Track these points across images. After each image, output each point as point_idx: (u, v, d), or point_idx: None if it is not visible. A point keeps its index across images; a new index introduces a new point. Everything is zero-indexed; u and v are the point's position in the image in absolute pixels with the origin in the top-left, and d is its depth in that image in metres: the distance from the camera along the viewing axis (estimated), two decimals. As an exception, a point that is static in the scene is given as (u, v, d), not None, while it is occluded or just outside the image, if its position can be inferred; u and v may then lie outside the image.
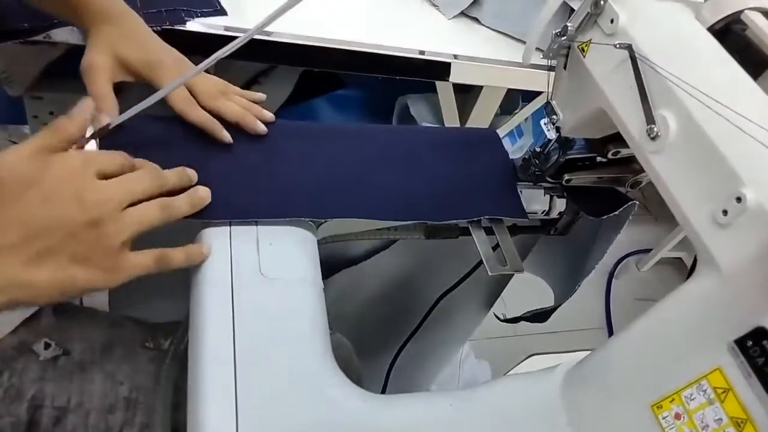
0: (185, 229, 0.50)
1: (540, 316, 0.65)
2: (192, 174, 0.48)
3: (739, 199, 0.34)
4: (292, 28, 0.78)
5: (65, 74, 0.89)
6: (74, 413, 0.51)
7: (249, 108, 0.56)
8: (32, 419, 0.49)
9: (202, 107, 0.54)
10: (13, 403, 0.49)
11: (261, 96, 0.60)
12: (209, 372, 0.42)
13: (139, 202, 0.42)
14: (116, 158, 0.43)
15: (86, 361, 0.53)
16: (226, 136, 0.54)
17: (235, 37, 0.43)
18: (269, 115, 0.57)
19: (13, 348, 0.50)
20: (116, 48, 0.52)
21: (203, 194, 0.47)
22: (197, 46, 0.72)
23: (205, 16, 0.73)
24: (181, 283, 0.48)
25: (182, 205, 0.45)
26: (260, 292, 0.47)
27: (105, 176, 0.41)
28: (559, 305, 0.64)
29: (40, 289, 0.37)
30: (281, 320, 0.46)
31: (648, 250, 1.83)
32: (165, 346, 0.57)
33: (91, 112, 0.45)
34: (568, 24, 0.48)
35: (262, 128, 0.55)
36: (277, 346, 0.44)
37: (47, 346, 0.51)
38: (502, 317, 0.71)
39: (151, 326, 0.59)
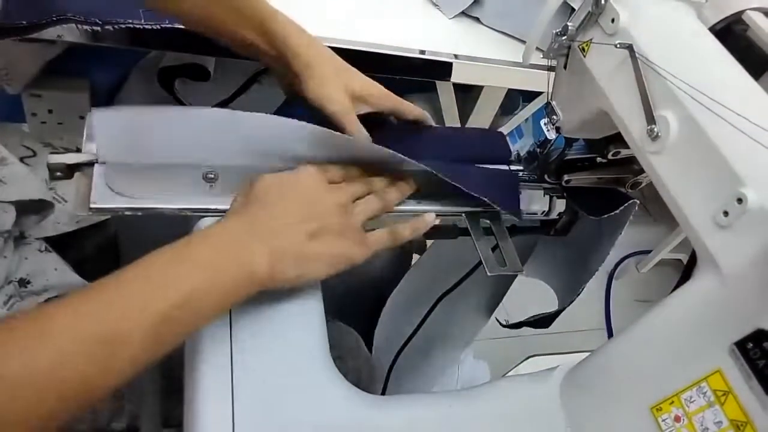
0: (182, 223, 0.51)
1: (543, 321, 0.64)
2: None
3: (740, 200, 0.34)
4: (291, 27, 0.78)
5: (64, 72, 0.89)
6: None
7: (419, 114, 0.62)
8: None
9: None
10: None
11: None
12: (206, 374, 0.42)
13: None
14: (338, 171, 0.53)
15: None
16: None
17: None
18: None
19: None
20: (342, 77, 0.56)
21: (395, 194, 0.54)
22: (196, 45, 0.72)
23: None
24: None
25: (392, 199, 0.54)
26: (258, 294, 0.46)
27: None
28: (563, 309, 0.63)
29: (320, 261, 0.45)
30: (279, 322, 0.46)
31: (648, 252, 1.82)
32: None
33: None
34: (569, 23, 0.48)
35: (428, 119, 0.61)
36: (274, 347, 0.44)
37: None
38: (504, 323, 0.71)
39: None
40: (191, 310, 0.37)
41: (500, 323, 0.72)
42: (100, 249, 0.69)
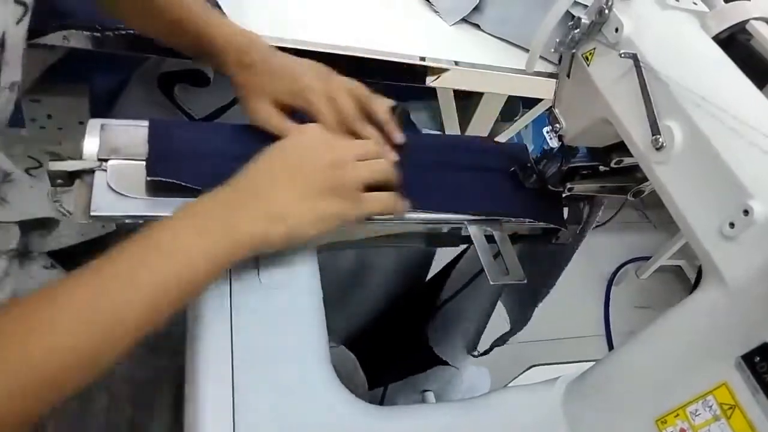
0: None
1: (500, 340, 0.68)
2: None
3: (746, 212, 0.33)
4: (292, 34, 0.78)
5: (63, 78, 0.89)
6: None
7: (387, 121, 0.57)
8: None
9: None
10: None
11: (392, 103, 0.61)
12: (207, 381, 0.41)
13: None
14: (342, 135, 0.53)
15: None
16: (399, 137, 0.56)
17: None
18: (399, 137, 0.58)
19: None
20: (266, 91, 0.55)
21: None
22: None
23: (205, 20, 0.73)
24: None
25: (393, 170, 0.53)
26: (259, 301, 0.46)
27: None
28: (518, 330, 0.66)
29: (306, 219, 0.45)
30: (280, 330, 0.45)
31: (647, 258, 1.82)
32: (165, 364, 0.56)
33: None
34: (573, 32, 0.47)
35: (401, 137, 0.57)
36: (275, 356, 0.44)
37: None
38: (476, 354, 0.73)
39: (149, 343, 0.58)
40: (186, 277, 0.39)
41: (473, 355, 0.74)
42: None
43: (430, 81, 0.86)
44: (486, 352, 0.70)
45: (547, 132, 0.55)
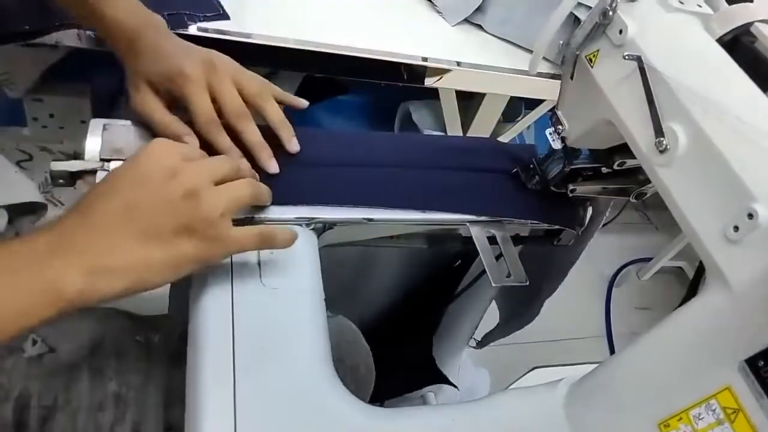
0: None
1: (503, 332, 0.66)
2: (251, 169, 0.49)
3: (750, 216, 0.33)
4: (294, 34, 0.78)
5: (65, 77, 0.89)
6: (62, 412, 0.50)
7: (278, 127, 0.53)
8: (19, 420, 0.48)
9: (226, 126, 0.51)
10: (1, 404, 0.48)
11: (302, 103, 0.57)
12: (208, 383, 0.41)
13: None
14: (196, 149, 0.46)
15: (73, 358, 0.52)
16: (272, 166, 0.51)
17: (238, 42, 0.43)
18: (294, 146, 0.54)
19: (7, 349, 0.49)
20: (143, 72, 0.50)
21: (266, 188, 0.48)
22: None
23: (207, 21, 0.73)
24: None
25: (265, 189, 0.47)
26: (261, 302, 0.46)
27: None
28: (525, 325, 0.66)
29: (156, 268, 0.38)
30: (281, 331, 0.45)
31: (648, 259, 1.81)
32: (155, 341, 0.56)
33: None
34: (577, 34, 0.47)
35: (274, 167, 0.52)
36: (277, 357, 0.44)
37: (34, 342, 0.50)
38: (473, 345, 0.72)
39: (140, 319, 0.58)
40: None
41: (470, 346, 0.73)
42: None
43: (432, 81, 0.86)
44: (482, 344, 0.70)
45: (550, 133, 0.55)
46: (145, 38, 0.50)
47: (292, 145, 0.54)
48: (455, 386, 0.83)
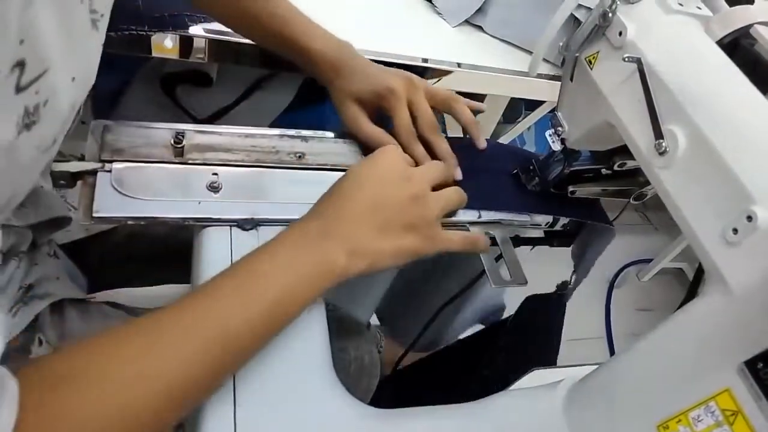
0: (181, 231, 0.50)
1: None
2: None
3: (750, 218, 0.33)
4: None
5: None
6: None
7: (469, 125, 0.60)
8: None
9: (420, 137, 0.58)
10: None
11: (482, 106, 0.63)
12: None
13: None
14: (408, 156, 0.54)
15: None
16: (458, 173, 0.58)
17: (238, 42, 0.43)
18: (482, 143, 0.61)
19: (14, 349, 0.49)
20: (352, 93, 0.59)
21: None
22: (200, 52, 0.72)
23: (208, 21, 0.73)
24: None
25: (465, 197, 0.54)
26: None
27: None
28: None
29: (386, 254, 0.46)
30: (282, 332, 0.45)
31: (649, 260, 1.82)
32: None
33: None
34: (577, 35, 0.47)
35: (459, 174, 0.59)
36: (277, 358, 0.44)
37: (40, 342, 0.51)
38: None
39: None
40: (283, 306, 0.41)
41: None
42: (109, 256, 0.69)
43: (433, 83, 0.86)
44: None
45: (550, 135, 0.55)
46: (346, 61, 0.59)
47: (481, 142, 0.61)
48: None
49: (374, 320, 0.95)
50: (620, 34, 0.44)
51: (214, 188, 0.51)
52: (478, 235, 0.54)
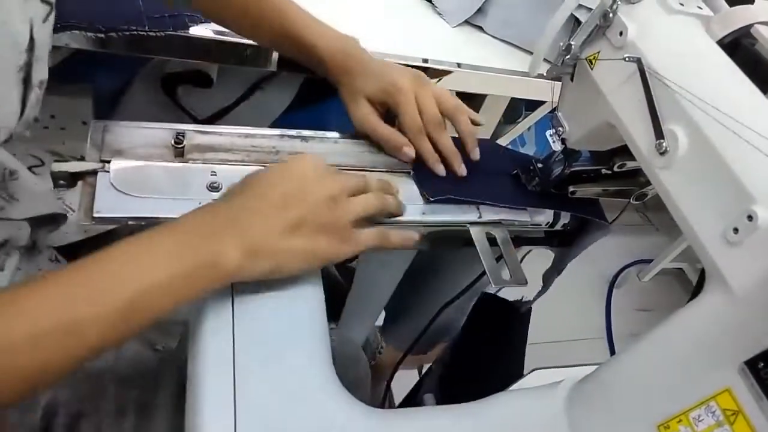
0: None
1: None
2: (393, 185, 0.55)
3: (750, 218, 0.33)
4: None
5: (66, 78, 0.89)
6: (86, 419, 0.50)
7: (467, 137, 0.60)
8: (46, 428, 0.49)
9: (427, 134, 0.58)
10: (28, 412, 0.48)
11: (481, 121, 0.63)
12: (208, 385, 0.41)
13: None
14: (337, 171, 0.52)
15: (98, 366, 0.52)
16: (440, 170, 0.58)
17: (238, 43, 0.43)
18: (476, 155, 0.61)
19: None
20: (361, 89, 0.59)
21: (395, 201, 0.53)
22: (200, 52, 0.72)
23: (208, 21, 0.73)
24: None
25: (392, 202, 0.53)
26: (261, 304, 0.46)
27: None
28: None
29: (296, 256, 0.43)
30: (282, 333, 0.45)
31: (649, 261, 1.82)
32: (174, 348, 0.56)
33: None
34: (577, 36, 0.47)
35: (463, 171, 0.59)
36: (277, 358, 0.44)
37: None
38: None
39: (159, 326, 0.58)
40: (152, 299, 0.37)
41: None
42: None
43: (433, 83, 0.86)
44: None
45: (550, 135, 0.55)
46: (354, 58, 0.59)
47: (475, 154, 0.61)
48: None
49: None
50: (621, 34, 0.44)
51: (214, 188, 0.51)
52: (389, 230, 0.50)
